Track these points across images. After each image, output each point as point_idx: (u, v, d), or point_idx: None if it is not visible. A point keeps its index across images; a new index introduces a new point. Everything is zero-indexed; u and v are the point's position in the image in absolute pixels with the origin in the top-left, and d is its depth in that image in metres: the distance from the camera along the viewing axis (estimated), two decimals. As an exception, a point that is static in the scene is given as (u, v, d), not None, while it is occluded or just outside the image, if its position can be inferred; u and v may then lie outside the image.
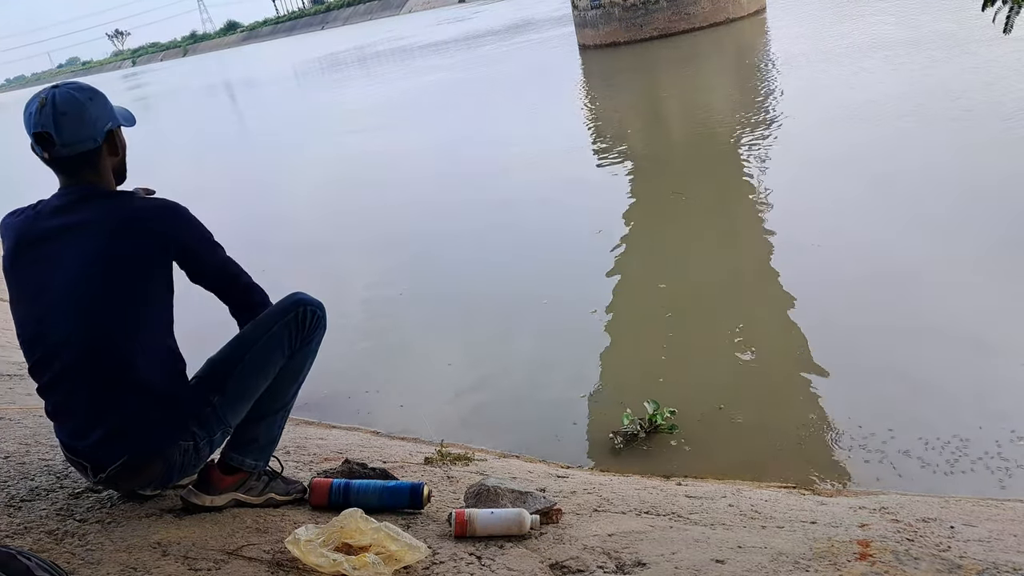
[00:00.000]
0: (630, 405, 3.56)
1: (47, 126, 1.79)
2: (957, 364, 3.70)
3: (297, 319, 2.03)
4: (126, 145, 2.00)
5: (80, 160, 1.86)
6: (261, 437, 2.11)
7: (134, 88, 51.92)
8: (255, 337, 2.01)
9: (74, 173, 1.88)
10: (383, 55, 33.73)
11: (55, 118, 1.80)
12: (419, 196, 8.87)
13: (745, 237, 5.86)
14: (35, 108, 1.81)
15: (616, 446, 3.32)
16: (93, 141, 1.86)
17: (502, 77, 18.38)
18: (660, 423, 3.35)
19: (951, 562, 1.82)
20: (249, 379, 2.00)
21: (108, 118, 1.90)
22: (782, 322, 4.39)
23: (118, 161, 1.97)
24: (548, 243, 6.38)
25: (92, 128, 1.85)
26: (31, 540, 1.86)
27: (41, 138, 1.81)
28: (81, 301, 1.81)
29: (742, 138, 8.52)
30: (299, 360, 2.09)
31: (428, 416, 3.85)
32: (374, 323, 5.44)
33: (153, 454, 1.92)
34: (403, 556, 1.79)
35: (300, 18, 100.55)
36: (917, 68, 10.06)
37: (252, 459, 2.10)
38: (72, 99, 1.83)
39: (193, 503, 2.06)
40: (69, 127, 1.81)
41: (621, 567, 1.85)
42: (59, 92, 1.83)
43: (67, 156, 1.84)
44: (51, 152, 1.83)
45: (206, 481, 2.09)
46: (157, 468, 1.94)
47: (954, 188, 5.85)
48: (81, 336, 1.82)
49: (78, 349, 1.82)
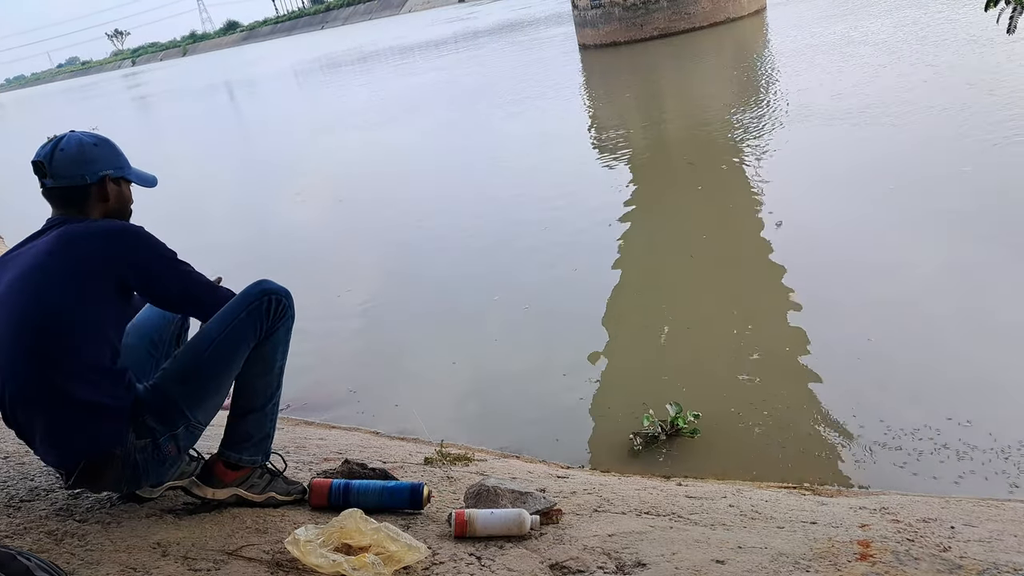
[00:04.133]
0: (630, 405, 3.56)
1: (43, 157, 1.93)
2: (959, 365, 3.70)
3: (261, 308, 2.00)
4: (127, 200, 2.06)
5: (66, 194, 1.95)
6: (253, 433, 2.11)
7: (133, 87, 51.95)
8: (219, 328, 1.98)
9: (61, 207, 1.97)
10: (383, 55, 33.73)
11: (53, 152, 1.94)
12: (419, 196, 8.88)
13: (745, 237, 5.86)
14: (44, 143, 1.96)
15: (635, 447, 3.29)
16: (82, 179, 1.95)
17: (501, 77, 18.37)
18: (682, 426, 3.32)
19: (951, 562, 1.82)
20: (212, 371, 1.99)
21: (109, 166, 1.99)
22: (782, 322, 4.38)
23: (112, 209, 2.01)
24: (549, 243, 6.38)
25: (84, 167, 1.95)
26: (31, 540, 1.85)
27: (36, 166, 1.94)
28: (13, 310, 1.84)
29: (743, 138, 8.53)
30: (268, 351, 2.05)
31: (426, 416, 3.84)
32: (374, 323, 5.44)
33: (105, 455, 1.89)
34: (403, 556, 1.79)
35: (300, 18, 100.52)
36: (918, 68, 10.06)
37: (249, 455, 2.11)
38: (76, 141, 1.97)
39: (195, 494, 2.08)
40: (62, 161, 1.93)
41: (621, 567, 1.85)
42: (70, 134, 1.98)
43: (54, 188, 1.95)
44: (44, 183, 1.95)
45: (209, 474, 2.11)
46: (116, 469, 1.92)
47: (957, 188, 5.84)
48: (12, 344, 1.84)
49: (10, 348, 1.84)
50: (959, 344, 3.85)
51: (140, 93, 44.71)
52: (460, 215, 7.82)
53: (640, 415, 3.44)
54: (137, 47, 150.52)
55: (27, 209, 2.84)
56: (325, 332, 5.25)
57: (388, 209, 8.53)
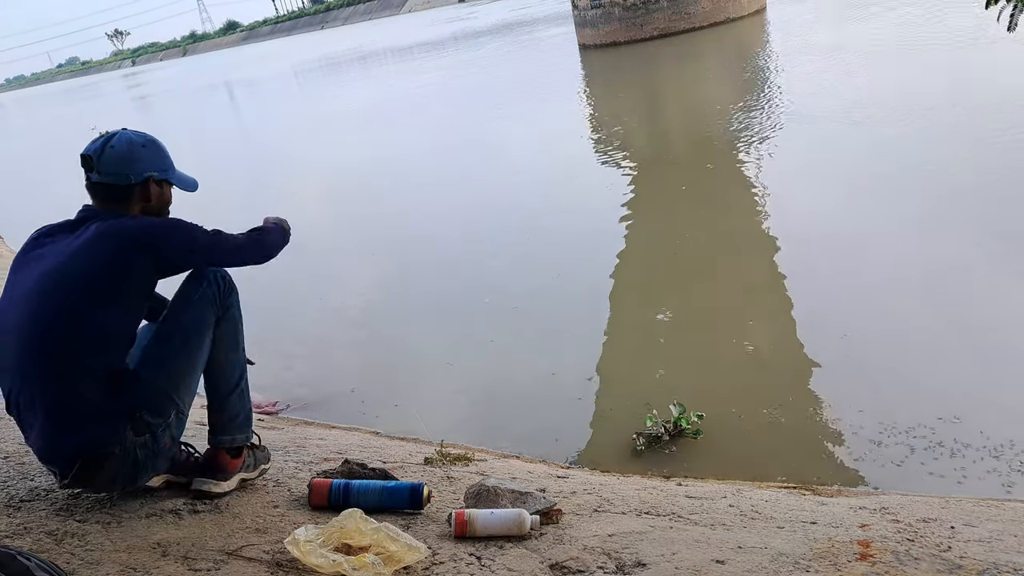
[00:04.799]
0: (630, 405, 3.55)
1: (93, 152, 1.99)
2: (959, 365, 3.70)
3: (212, 286, 2.10)
4: (168, 201, 2.14)
5: (109, 191, 2.01)
6: (239, 411, 2.20)
7: (133, 87, 51.92)
8: (180, 313, 2.08)
9: (102, 201, 2.02)
10: (382, 55, 33.72)
11: (103, 148, 2.00)
12: (419, 196, 8.87)
13: (745, 237, 5.86)
14: (96, 138, 2.03)
15: (638, 447, 3.28)
16: (127, 178, 2.01)
17: (501, 77, 18.37)
18: (685, 427, 3.31)
19: (951, 562, 1.82)
20: (188, 354, 2.05)
21: (154, 167, 2.05)
22: (782, 323, 4.38)
23: (151, 209, 2.07)
24: (549, 244, 6.38)
25: (131, 167, 2.01)
26: (31, 540, 1.85)
27: (84, 160, 2.00)
28: (35, 305, 1.88)
29: (743, 137, 8.52)
30: (228, 327, 2.15)
31: (426, 416, 3.84)
32: (374, 323, 5.44)
33: (102, 454, 1.91)
34: (403, 556, 1.79)
35: (300, 18, 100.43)
36: (918, 67, 10.06)
37: (243, 433, 2.21)
38: (127, 140, 2.03)
39: (211, 491, 2.12)
40: (110, 158, 1.99)
41: (621, 567, 1.85)
42: (121, 132, 2.05)
43: (99, 183, 2.00)
44: (89, 177, 2.01)
45: (216, 468, 2.16)
46: (112, 467, 1.93)
47: (958, 188, 5.84)
48: (29, 328, 1.87)
49: (26, 340, 1.87)
50: (960, 344, 3.85)
51: (140, 93, 44.68)
52: (459, 215, 7.80)
53: (640, 415, 3.43)
54: (137, 47, 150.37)
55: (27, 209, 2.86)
56: (325, 332, 5.25)
57: (388, 209, 8.53)
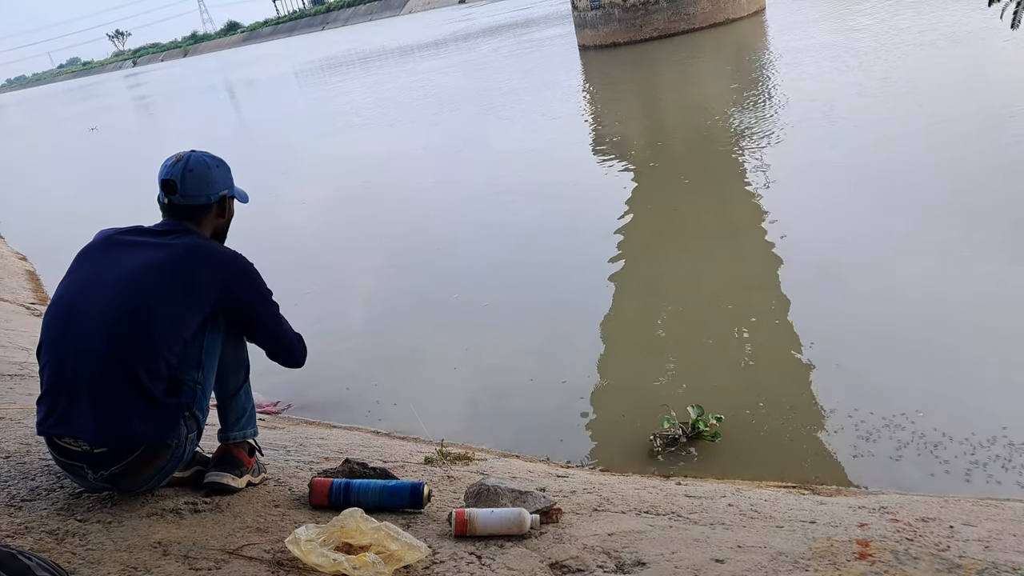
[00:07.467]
0: (632, 405, 3.55)
1: (175, 176, 2.09)
2: (957, 365, 3.70)
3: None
4: (232, 215, 2.26)
5: (190, 211, 2.13)
6: (246, 407, 2.26)
7: (134, 88, 51.93)
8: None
9: (179, 218, 2.13)
10: (382, 55, 33.72)
11: (183, 172, 2.10)
12: (419, 198, 8.87)
13: (744, 237, 5.86)
14: (171, 161, 2.12)
15: (654, 449, 3.25)
16: (207, 199, 2.14)
17: (501, 78, 18.38)
18: (703, 429, 3.30)
19: (950, 562, 1.83)
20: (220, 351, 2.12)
21: (226, 185, 2.19)
22: (781, 323, 4.39)
23: (222, 225, 2.22)
24: (550, 244, 6.38)
25: (209, 188, 2.14)
26: (32, 540, 1.86)
27: (167, 185, 2.10)
28: (118, 296, 1.97)
29: (742, 138, 8.53)
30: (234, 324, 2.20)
31: (426, 415, 3.84)
32: (375, 323, 5.45)
33: (160, 445, 2.00)
34: (403, 555, 1.80)
35: (300, 18, 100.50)
36: (918, 67, 10.06)
37: (251, 428, 2.28)
38: (202, 162, 2.14)
39: (229, 485, 2.15)
40: (192, 182, 2.11)
41: (621, 567, 1.85)
42: (194, 154, 2.15)
43: (181, 205, 2.12)
44: (171, 199, 2.11)
45: (231, 464, 2.19)
46: (164, 459, 2.02)
47: (958, 188, 5.84)
48: (106, 321, 1.95)
49: (115, 325, 1.95)
50: (961, 344, 3.85)
51: (141, 93, 44.70)
52: (459, 215, 7.81)
53: (646, 415, 3.43)
54: (138, 48, 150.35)
55: (27, 209, 2.85)
56: (325, 332, 5.25)
57: (388, 209, 8.53)
